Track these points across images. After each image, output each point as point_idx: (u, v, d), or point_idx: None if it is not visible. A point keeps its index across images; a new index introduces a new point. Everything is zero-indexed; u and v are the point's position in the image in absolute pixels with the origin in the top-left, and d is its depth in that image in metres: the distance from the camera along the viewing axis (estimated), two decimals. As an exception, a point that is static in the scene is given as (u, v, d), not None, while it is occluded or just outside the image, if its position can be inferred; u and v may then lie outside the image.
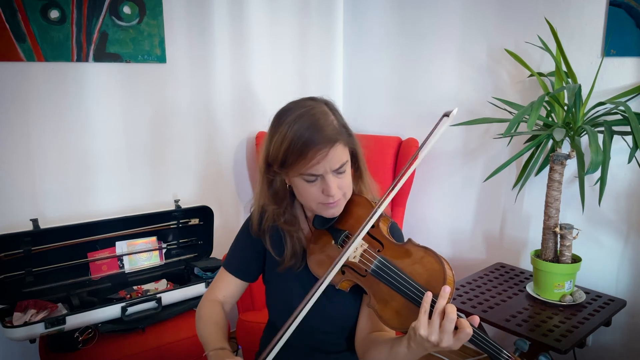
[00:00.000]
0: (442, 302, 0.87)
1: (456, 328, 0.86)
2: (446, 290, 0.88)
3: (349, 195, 1.07)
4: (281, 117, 1.02)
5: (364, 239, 1.04)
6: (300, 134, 0.96)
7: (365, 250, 1.02)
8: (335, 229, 1.09)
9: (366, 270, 1.01)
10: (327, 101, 1.07)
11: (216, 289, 1.21)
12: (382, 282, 0.98)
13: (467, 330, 0.85)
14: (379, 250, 1.02)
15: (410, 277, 0.94)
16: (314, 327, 1.13)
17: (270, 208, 1.11)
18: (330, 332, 1.15)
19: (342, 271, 1.04)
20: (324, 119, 0.99)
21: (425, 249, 0.98)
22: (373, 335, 1.08)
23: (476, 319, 0.89)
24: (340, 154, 1.00)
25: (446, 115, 0.99)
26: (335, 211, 1.06)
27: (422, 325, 0.86)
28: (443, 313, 0.86)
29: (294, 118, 0.99)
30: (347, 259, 1.03)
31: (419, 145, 1.07)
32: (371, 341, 1.07)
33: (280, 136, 0.99)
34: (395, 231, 1.11)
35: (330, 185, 0.99)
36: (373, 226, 1.05)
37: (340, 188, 1.02)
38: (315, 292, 0.98)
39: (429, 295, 0.89)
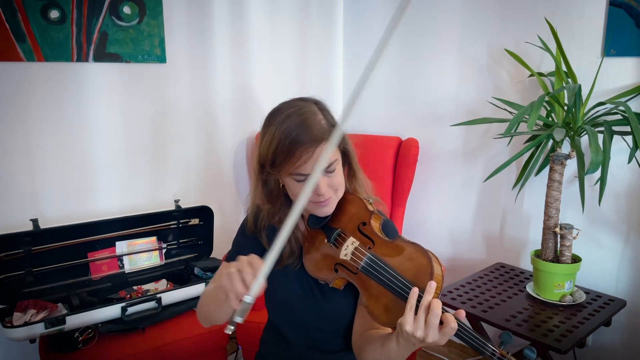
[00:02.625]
0: (427, 297, 0.87)
1: (441, 323, 0.86)
2: (432, 286, 0.88)
3: (341, 193, 1.08)
4: (271, 117, 1.03)
5: (355, 237, 1.05)
6: (287, 133, 0.97)
7: (356, 248, 1.03)
8: (328, 228, 1.10)
9: (357, 268, 1.01)
10: (317, 101, 1.07)
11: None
12: (372, 278, 0.98)
13: (452, 324, 0.85)
14: (369, 248, 1.02)
15: (398, 273, 0.95)
16: (311, 324, 1.14)
17: (265, 207, 1.12)
18: (326, 330, 1.15)
19: (335, 269, 1.05)
20: (311, 119, 1.00)
21: (414, 244, 0.98)
22: (368, 333, 1.09)
23: (462, 313, 0.89)
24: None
25: None
26: (327, 209, 1.06)
27: (408, 322, 0.87)
28: (429, 308, 0.86)
29: (283, 118, 1.00)
30: (340, 257, 1.04)
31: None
32: (366, 339, 1.07)
33: (270, 136, 1.00)
34: (389, 228, 1.10)
35: (319, 185, 1.00)
36: (364, 223, 1.05)
37: (331, 186, 1.03)
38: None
39: (415, 291, 0.89)
